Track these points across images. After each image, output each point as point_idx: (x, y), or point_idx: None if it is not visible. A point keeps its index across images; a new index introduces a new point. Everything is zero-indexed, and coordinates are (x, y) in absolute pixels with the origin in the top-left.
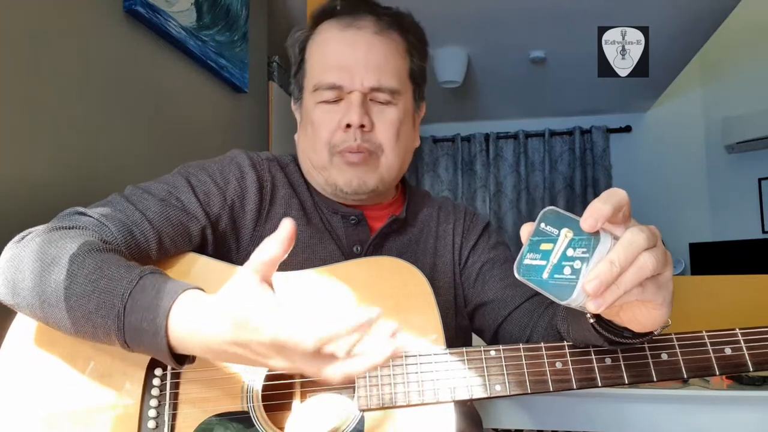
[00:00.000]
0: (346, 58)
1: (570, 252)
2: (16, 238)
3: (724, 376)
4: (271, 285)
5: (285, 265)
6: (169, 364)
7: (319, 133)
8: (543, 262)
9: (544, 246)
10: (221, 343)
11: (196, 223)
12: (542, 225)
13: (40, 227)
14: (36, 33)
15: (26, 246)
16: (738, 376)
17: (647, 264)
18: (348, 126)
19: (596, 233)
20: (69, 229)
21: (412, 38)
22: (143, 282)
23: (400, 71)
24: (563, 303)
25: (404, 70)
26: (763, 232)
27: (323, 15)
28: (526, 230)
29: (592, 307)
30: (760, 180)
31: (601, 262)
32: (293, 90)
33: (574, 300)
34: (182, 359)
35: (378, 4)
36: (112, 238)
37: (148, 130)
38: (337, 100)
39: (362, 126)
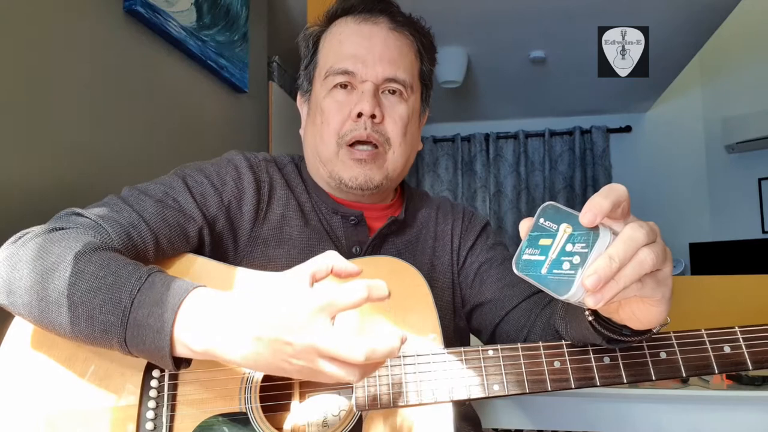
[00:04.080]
0: (361, 49)
1: (569, 247)
2: (13, 238)
3: (724, 376)
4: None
5: (283, 268)
6: (166, 365)
7: (329, 122)
8: (542, 258)
9: (543, 241)
10: (254, 337)
11: (193, 224)
12: (541, 220)
13: (38, 228)
14: (36, 33)
15: (24, 245)
16: (738, 375)
17: (646, 260)
18: (359, 115)
19: (595, 228)
20: (68, 229)
21: (425, 41)
22: (152, 279)
23: (413, 68)
24: (562, 298)
25: (416, 68)
26: (763, 232)
27: (338, 12)
28: (525, 225)
29: (590, 303)
30: (760, 180)
31: (600, 258)
32: (301, 83)
33: (573, 295)
34: (179, 362)
35: (394, 4)
36: (109, 240)
37: (148, 130)
38: (348, 87)
39: (373, 117)
